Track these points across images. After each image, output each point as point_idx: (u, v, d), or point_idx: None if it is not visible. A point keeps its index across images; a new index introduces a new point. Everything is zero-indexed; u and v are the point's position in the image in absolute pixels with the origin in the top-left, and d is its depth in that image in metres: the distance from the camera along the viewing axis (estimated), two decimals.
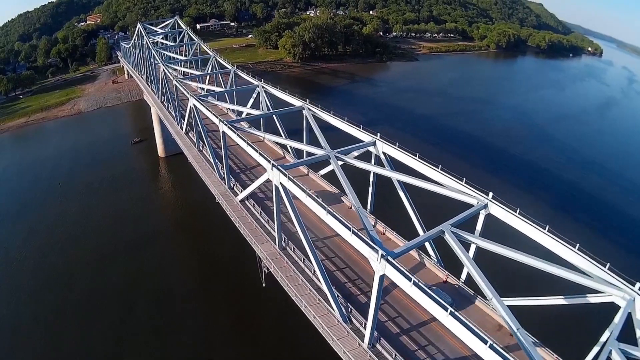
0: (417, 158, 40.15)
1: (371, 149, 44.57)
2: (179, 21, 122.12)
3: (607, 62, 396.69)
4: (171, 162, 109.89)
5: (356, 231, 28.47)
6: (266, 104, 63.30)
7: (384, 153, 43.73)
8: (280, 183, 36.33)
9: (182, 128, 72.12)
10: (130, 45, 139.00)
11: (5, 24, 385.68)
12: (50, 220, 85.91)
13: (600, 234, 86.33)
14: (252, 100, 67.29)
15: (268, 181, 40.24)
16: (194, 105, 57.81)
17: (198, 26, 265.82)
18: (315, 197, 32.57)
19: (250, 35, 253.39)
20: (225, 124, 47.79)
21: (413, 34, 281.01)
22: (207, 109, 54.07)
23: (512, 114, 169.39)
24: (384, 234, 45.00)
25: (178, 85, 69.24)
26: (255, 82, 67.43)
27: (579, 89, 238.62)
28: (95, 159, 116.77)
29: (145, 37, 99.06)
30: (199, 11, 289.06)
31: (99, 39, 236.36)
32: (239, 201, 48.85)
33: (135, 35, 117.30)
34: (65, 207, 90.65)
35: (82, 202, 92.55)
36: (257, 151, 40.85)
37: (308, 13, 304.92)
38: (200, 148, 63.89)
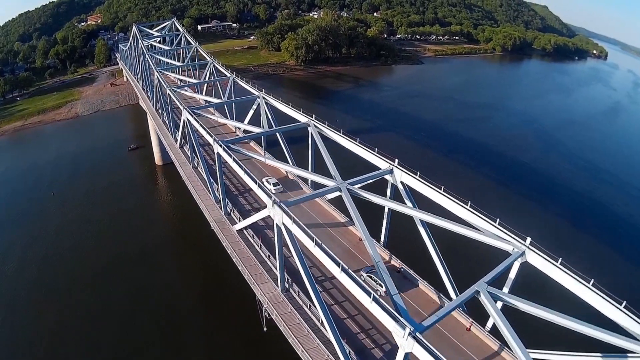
0: (441, 192, 34.61)
1: (388, 177, 39.17)
2: (176, 23, 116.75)
3: (612, 65, 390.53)
4: (169, 170, 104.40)
5: (377, 298, 23.09)
6: (267, 117, 57.80)
7: (402, 183, 38.18)
8: (283, 224, 30.92)
9: (176, 141, 66.80)
10: (127, 48, 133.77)
11: (6, 24, 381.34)
12: (48, 230, 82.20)
13: (616, 250, 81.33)
14: (252, 112, 61.80)
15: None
16: (188, 119, 52.51)
17: (199, 27, 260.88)
18: (326, 249, 27.14)
19: (252, 37, 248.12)
20: (221, 145, 42.34)
21: (418, 37, 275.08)
22: (201, 125, 48.70)
23: (521, 120, 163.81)
24: (399, 271, 39.64)
25: (172, 95, 63.90)
26: (255, 92, 61.66)
27: (585, 93, 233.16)
28: (91, 167, 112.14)
29: (140, 40, 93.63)
30: (201, 12, 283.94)
31: (98, 40, 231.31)
32: (237, 230, 43.49)
33: (131, 37, 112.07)
34: (62, 217, 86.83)
35: (79, 212, 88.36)
36: (256, 182, 35.35)
37: (311, 14, 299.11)
38: (195, 164, 58.53)
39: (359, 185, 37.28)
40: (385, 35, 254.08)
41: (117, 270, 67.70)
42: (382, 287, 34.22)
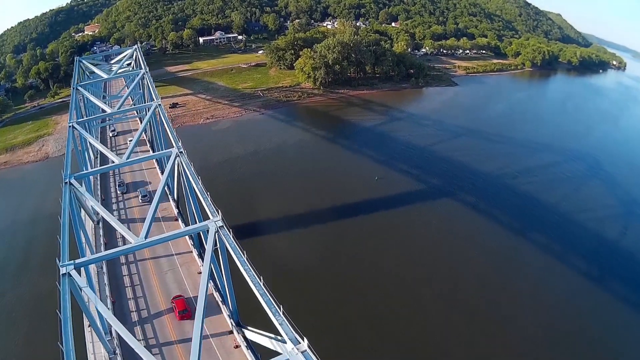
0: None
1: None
2: (138, 53, 73.48)
3: (634, 77, 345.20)
4: None
5: None
6: None
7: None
8: None
9: None
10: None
11: (4, 32, 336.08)
12: None
13: None
14: None
15: None
16: None
17: (201, 40, 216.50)
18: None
19: (260, 52, 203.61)
20: None
21: (444, 51, 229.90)
22: None
23: (586, 167, 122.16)
24: None
25: None
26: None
27: (630, 120, 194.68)
28: (31, 262, 69.96)
29: (75, 91, 51.53)
30: (204, 21, 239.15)
31: (86, 54, 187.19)
32: None
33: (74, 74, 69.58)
34: None
35: None
36: None
37: (325, 24, 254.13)
38: None
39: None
40: (410, 50, 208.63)
41: None
42: None
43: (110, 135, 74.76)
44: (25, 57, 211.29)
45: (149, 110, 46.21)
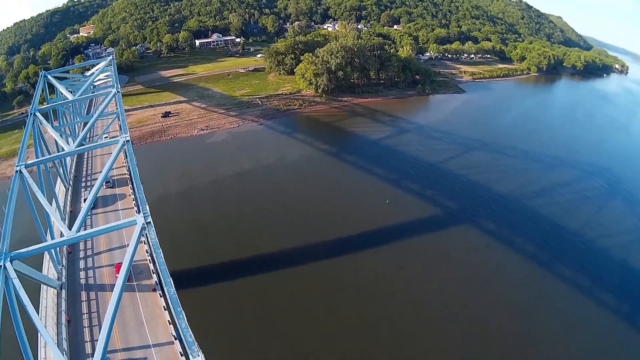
0: None
1: None
2: (113, 69, 62.26)
3: (638, 82, 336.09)
4: None
5: None
6: None
7: None
8: None
9: None
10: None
11: (0, 33, 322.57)
12: None
13: None
14: None
15: None
16: None
17: (197, 42, 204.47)
18: None
19: (259, 55, 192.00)
20: None
21: (448, 55, 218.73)
22: None
23: (608, 182, 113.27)
24: None
25: None
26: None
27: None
28: None
29: (33, 118, 42.19)
30: (201, 23, 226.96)
31: (77, 58, 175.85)
32: None
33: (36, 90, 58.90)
34: None
35: None
36: None
37: (325, 27, 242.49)
38: None
39: None
40: (414, 55, 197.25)
41: None
42: None
43: (83, 198, 57.09)
44: (16, 60, 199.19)
45: (116, 147, 34.83)
